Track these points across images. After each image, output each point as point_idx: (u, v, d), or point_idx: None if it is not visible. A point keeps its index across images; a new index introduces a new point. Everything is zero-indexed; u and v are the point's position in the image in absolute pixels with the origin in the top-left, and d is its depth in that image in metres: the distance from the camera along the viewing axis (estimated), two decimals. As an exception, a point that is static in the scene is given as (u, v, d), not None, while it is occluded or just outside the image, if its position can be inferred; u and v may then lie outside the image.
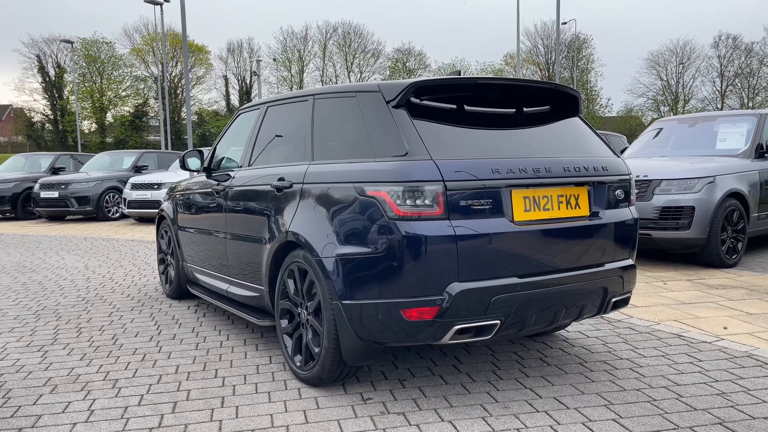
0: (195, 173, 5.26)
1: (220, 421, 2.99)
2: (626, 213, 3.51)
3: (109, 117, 58.11)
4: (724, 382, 3.35)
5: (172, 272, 5.68)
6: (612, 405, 3.08)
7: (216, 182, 4.59)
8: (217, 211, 4.53)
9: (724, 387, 3.29)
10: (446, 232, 2.84)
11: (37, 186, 14.47)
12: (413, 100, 3.13)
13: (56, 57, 56.36)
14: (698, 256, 6.63)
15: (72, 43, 46.28)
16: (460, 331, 2.90)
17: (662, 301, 5.17)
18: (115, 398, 3.30)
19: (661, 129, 8.44)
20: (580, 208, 3.30)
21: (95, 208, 14.17)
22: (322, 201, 3.27)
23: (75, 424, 2.99)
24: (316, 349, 3.30)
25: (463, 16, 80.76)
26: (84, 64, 56.17)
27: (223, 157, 4.75)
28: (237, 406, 3.16)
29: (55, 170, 16.00)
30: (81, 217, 15.07)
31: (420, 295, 2.85)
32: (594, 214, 3.34)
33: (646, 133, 8.67)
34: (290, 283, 3.53)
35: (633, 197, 3.62)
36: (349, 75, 55.89)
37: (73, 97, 49.97)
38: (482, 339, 2.99)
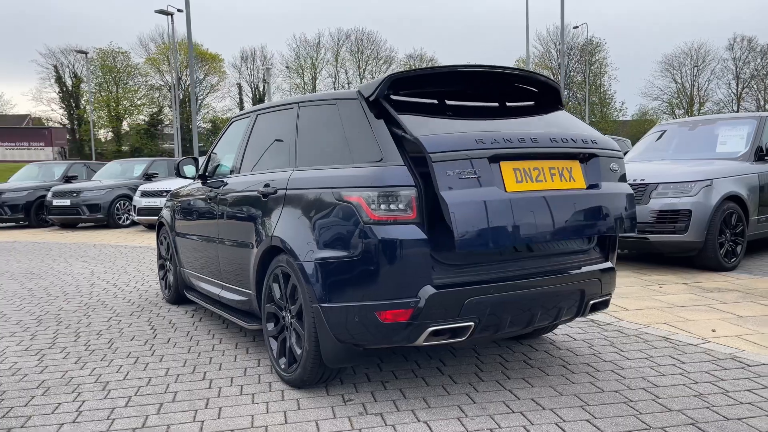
0: (191, 180, 5.36)
1: (202, 421, 3.06)
2: (624, 186, 3.46)
3: (124, 125, 58.93)
4: (703, 384, 3.37)
5: (171, 278, 5.79)
6: (588, 406, 3.11)
7: (209, 189, 4.69)
8: (210, 218, 4.62)
9: (702, 389, 3.31)
10: (419, 235, 2.90)
11: (49, 194, 14.72)
12: (394, 97, 3.20)
13: (73, 67, 57.34)
14: (696, 259, 6.62)
15: (86, 53, 47.06)
16: (435, 333, 2.96)
17: (655, 304, 5.18)
18: (103, 400, 3.39)
19: (663, 133, 8.43)
20: (575, 180, 3.26)
21: (106, 215, 14.39)
22: (304, 206, 3.35)
23: (62, 424, 3.08)
24: (299, 352, 3.37)
25: (476, 22, 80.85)
26: (100, 74, 57.02)
27: (218, 164, 4.86)
28: (220, 407, 3.23)
29: (68, 179, 16.25)
30: (92, 224, 15.29)
31: (394, 297, 2.91)
32: (592, 186, 3.30)
33: (647, 136, 8.67)
34: (275, 287, 3.60)
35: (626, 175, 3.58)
36: (361, 81, 56.14)
37: (90, 107, 50.75)
38: (458, 341, 3.05)
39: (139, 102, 58.64)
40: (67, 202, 14.28)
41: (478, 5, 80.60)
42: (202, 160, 5.19)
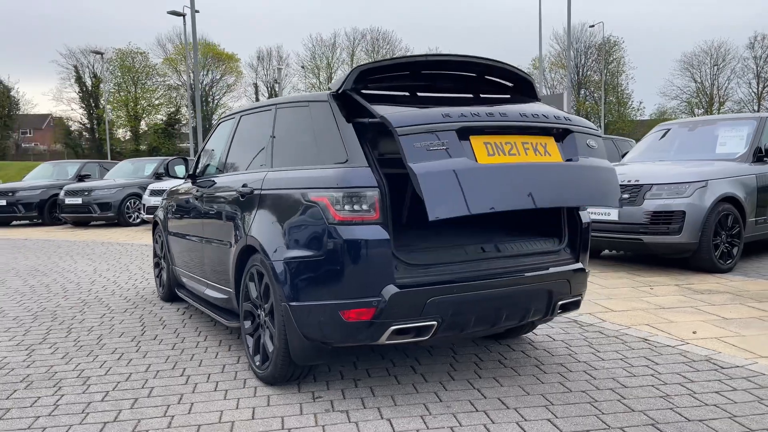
0: (182, 180, 5.46)
1: (172, 416, 3.14)
2: (605, 162, 3.40)
3: (142, 125, 59.59)
4: (672, 386, 3.38)
5: (164, 276, 5.89)
6: (552, 406, 3.14)
7: (197, 188, 4.78)
8: (196, 217, 4.71)
9: (670, 390, 3.32)
10: (383, 236, 2.95)
11: (62, 193, 14.98)
12: (364, 91, 3.25)
13: (93, 67, 58.09)
14: (690, 261, 6.58)
15: (102, 54, 47.69)
16: (399, 332, 3.01)
17: (642, 306, 5.17)
18: (81, 394, 3.48)
19: (664, 133, 8.38)
20: (550, 155, 3.21)
21: (116, 214, 14.61)
22: (276, 207, 3.41)
23: (38, 417, 3.17)
24: (270, 349, 3.43)
25: (491, 20, 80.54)
26: (119, 74, 57.73)
27: (207, 164, 4.94)
28: (192, 403, 3.31)
29: (81, 177, 16.51)
30: (104, 222, 15.52)
31: (358, 297, 2.96)
32: (569, 160, 3.26)
33: (647, 137, 8.62)
34: (251, 285, 3.67)
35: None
36: (376, 81, 56.18)
37: (109, 106, 51.45)
38: (421, 340, 3.09)
39: (156, 102, 59.30)
40: (78, 200, 14.52)
41: (494, 4, 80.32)
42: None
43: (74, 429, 3.02)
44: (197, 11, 32.85)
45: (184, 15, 22.99)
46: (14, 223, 16.77)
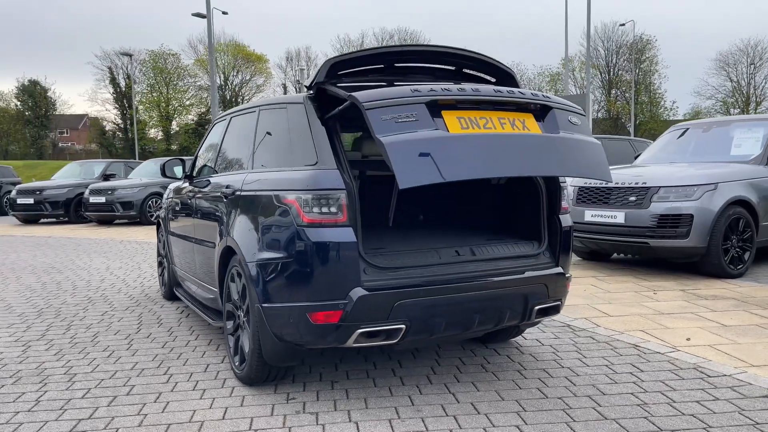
0: (179, 180, 5.52)
1: (146, 415, 3.17)
2: (590, 138, 3.28)
3: (174, 125, 60.57)
4: (652, 393, 3.30)
5: (166, 274, 5.97)
6: (524, 412, 3.09)
7: (191, 189, 4.83)
8: (188, 217, 4.76)
9: (649, 398, 3.24)
10: (350, 238, 2.94)
11: (87, 192, 15.29)
12: (340, 85, 3.24)
13: (126, 69, 59.22)
14: (699, 265, 6.42)
15: (131, 55, 48.70)
16: (367, 335, 3.00)
17: (640, 311, 5.06)
18: (64, 391, 3.55)
19: (679, 134, 8.19)
20: (529, 130, 3.09)
21: (138, 212, 14.86)
22: (252, 208, 3.43)
23: (18, 412, 3.25)
24: (247, 350, 3.45)
25: (521, 21, 79.78)
26: (152, 75, 58.79)
27: (202, 165, 4.99)
28: (168, 402, 3.34)
29: (106, 177, 16.84)
30: (127, 221, 15.81)
31: (325, 299, 2.96)
32: (550, 132, 3.14)
33: (661, 138, 8.44)
34: (233, 286, 3.70)
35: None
36: (404, 81, 56.05)
37: (141, 107, 52.46)
38: (390, 343, 3.07)
39: (187, 102, 60.19)
40: (102, 199, 14.81)
41: (524, 2, 79.50)
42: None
43: (49, 425, 3.08)
44: (226, 13, 33.44)
45: (206, 17, 23.26)
46: (42, 221, 17.18)
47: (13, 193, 16.34)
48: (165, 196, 6.14)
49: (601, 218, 6.72)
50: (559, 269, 3.49)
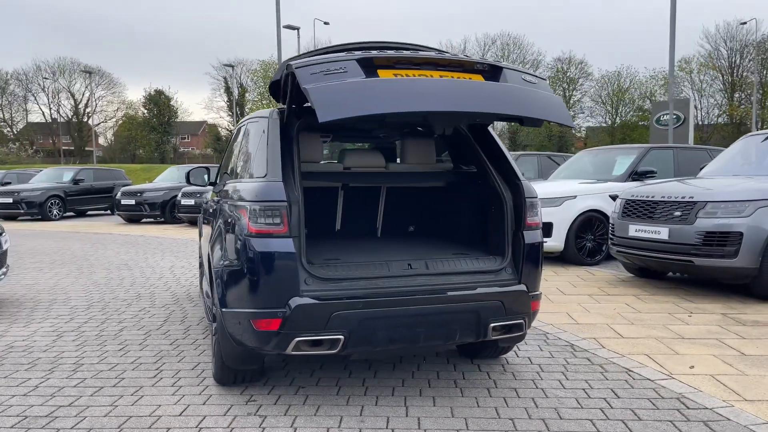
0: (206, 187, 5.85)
1: (116, 406, 3.43)
2: (547, 90, 3.22)
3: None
4: (613, 422, 3.13)
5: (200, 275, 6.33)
6: (465, 430, 3.04)
7: (211, 194, 5.12)
8: (204, 221, 5.05)
9: (607, 427, 3.08)
10: (289, 249, 3.03)
11: (180, 194, 16.35)
12: None
13: (239, 78, 62.64)
14: (750, 288, 5.92)
15: (233, 66, 51.70)
16: (308, 343, 3.07)
17: (660, 334, 4.76)
18: (63, 379, 3.89)
19: (747, 145, 7.57)
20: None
21: (224, 215, 15.70)
22: (224, 216, 3.61)
23: (14, 396, 3.61)
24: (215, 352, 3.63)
25: (631, 23, 75.96)
26: (262, 84, 61.73)
27: (218, 173, 5.28)
28: (143, 396, 3.59)
29: (200, 180, 17.87)
30: (216, 222, 16.72)
31: (267, 306, 3.07)
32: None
33: (731, 148, 7.82)
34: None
35: None
36: (506, 87, 55.16)
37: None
38: (331, 353, 3.13)
39: (294, 110, 62.71)
40: (191, 201, 15.76)
41: (634, 3, 75.65)
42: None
43: (32, 410, 3.40)
44: (327, 23, 34.57)
45: (298, 29, 24.15)
46: (143, 220, 18.55)
47: (118, 194, 17.77)
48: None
49: (645, 233, 6.36)
50: (522, 287, 3.38)
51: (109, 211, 20.94)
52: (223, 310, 3.32)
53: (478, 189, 3.76)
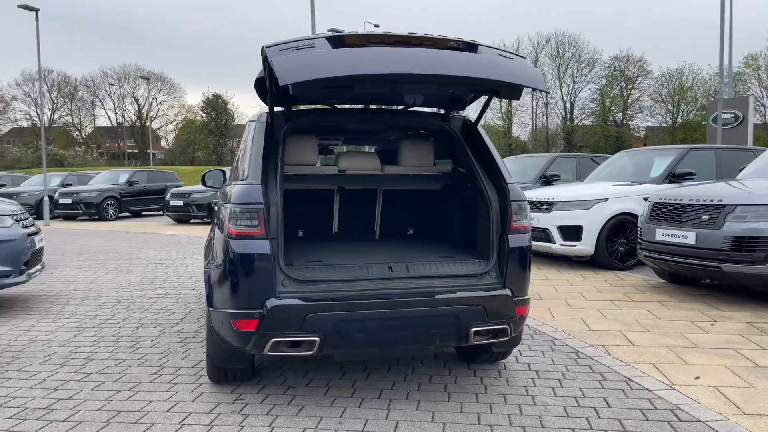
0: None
1: (111, 401, 3.55)
2: (523, 60, 3.23)
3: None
4: (596, 432, 3.04)
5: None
6: (440, 436, 3.02)
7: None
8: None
9: (587, 437, 2.99)
10: (266, 250, 3.08)
11: (168, 194, 16.88)
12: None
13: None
14: (783, 295, 5.63)
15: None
16: (284, 344, 3.11)
17: (674, 343, 4.58)
18: (70, 373, 4.06)
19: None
20: None
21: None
22: (217, 218, 3.69)
23: (20, 388, 3.79)
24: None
25: (693, 18, 73.08)
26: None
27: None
28: (138, 391, 3.70)
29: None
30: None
31: (244, 307, 3.12)
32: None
33: (773, 149, 7.46)
34: (214, 289, 3.99)
35: None
36: (560, 85, 54.12)
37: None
38: (308, 354, 3.15)
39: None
40: (180, 202, 16.29)
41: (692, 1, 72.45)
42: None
43: (32, 402, 3.56)
44: (377, 26, 34.87)
45: (342, 32, 24.35)
46: (191, 221, 19.11)
47: (168, 196, 18.36)
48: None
49: (672, 238, 6.14)
50: (506, 291, 3.32)
51: (161, 212, 21.66)
52: (210, 309, 3.40)
53: (468, 192, 3.72)
